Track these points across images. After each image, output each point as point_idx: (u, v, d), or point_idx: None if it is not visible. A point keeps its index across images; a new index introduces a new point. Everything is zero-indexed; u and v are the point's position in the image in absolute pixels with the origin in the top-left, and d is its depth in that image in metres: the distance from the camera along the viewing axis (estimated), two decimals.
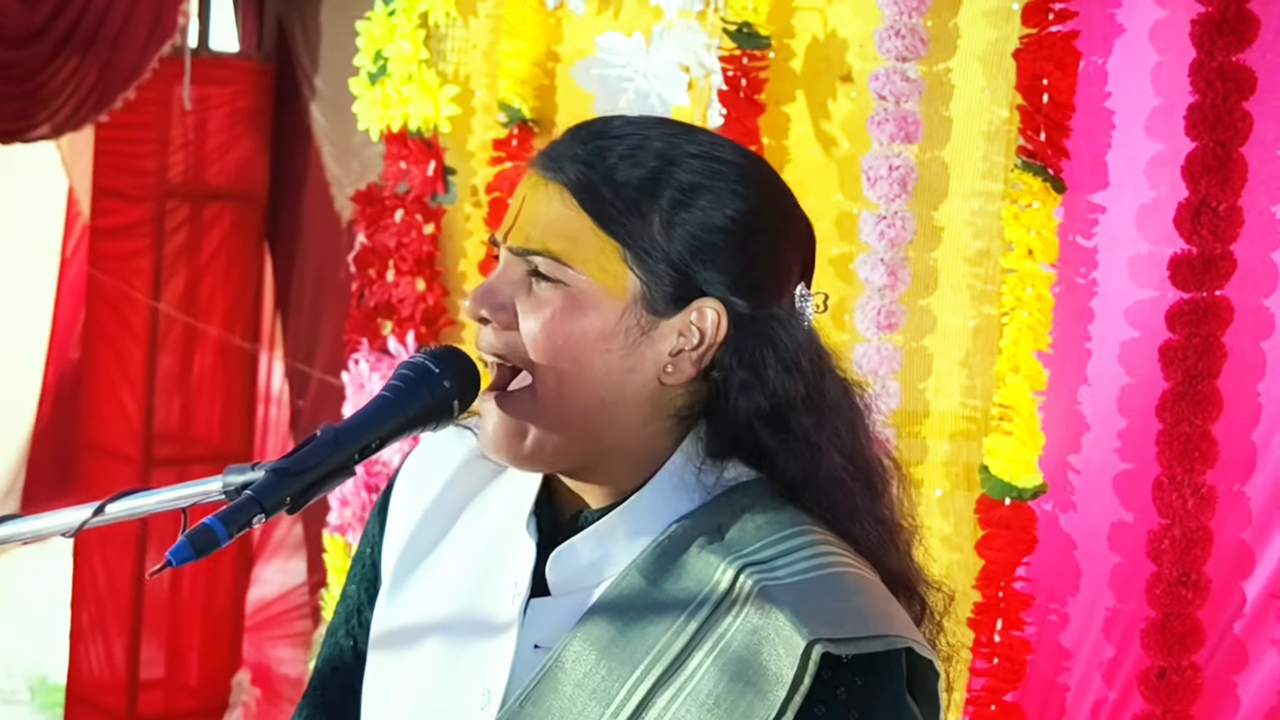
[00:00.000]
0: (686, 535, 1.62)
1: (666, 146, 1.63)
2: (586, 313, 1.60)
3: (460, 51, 3.87)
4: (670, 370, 1.62)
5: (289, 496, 1.55)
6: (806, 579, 1.57)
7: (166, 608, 6.46)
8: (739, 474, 1.66)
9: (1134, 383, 2.88)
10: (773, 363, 1.65)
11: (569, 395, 1.61)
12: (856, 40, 3.21)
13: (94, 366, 6.44)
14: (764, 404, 1.64)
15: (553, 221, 1.61)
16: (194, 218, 6.41)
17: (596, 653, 1.59)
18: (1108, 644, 2.91)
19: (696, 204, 1.61)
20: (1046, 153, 2.91)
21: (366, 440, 1.60)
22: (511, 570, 1.68)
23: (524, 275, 1.62)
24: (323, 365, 6.10)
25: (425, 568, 1.76)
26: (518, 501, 1.71)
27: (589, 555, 1.64)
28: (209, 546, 1.49)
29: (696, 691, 1.54)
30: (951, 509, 3.12)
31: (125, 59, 5.79)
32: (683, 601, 1.59)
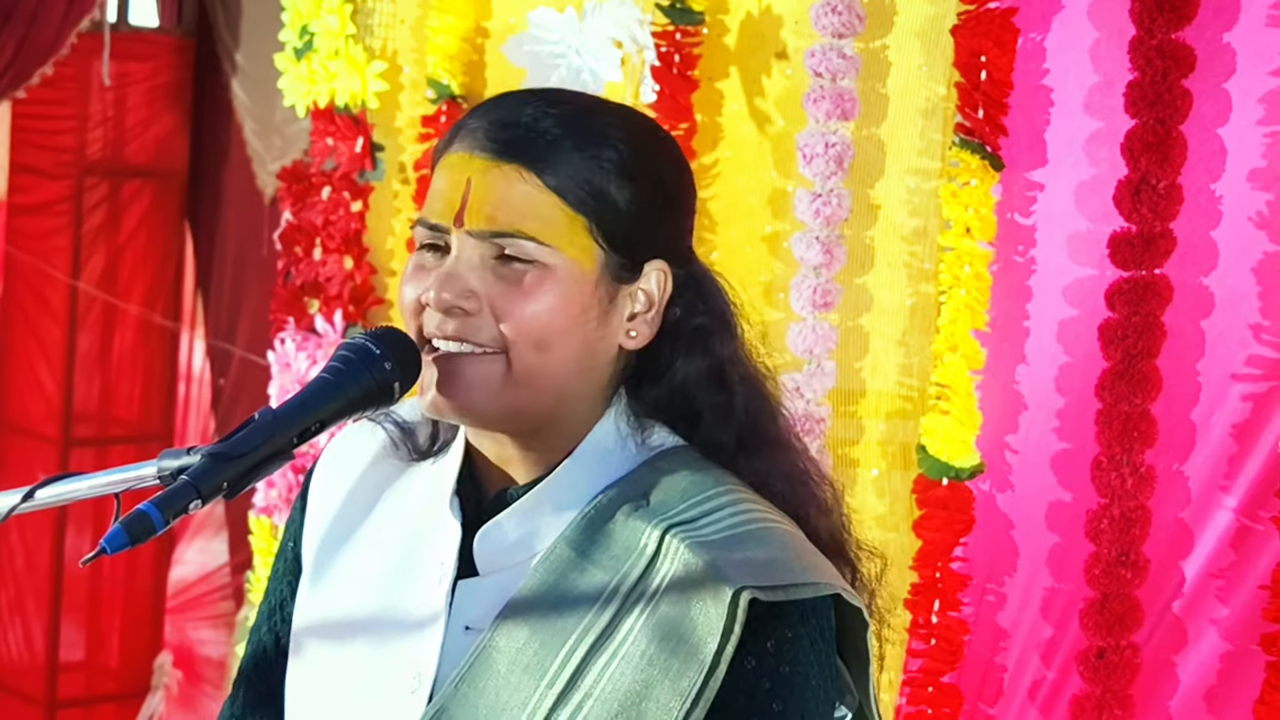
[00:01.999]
0: (612, 504, 1.62)
1: (602, 119, 1.64)
2: (567, 290, 1.60)
3: (388, 27, 3.81)
4: (633, 335, 1.64)
5: (226, 481, 1.52)
6: (732, 534, 1.58)
7: (86, 589, 6.41)
8: (663, 440, 1.67)
9: (1072, 362, 2.87)
10: (713, 320, 1.69)
11: (547, 370, 1.61)
12: (792, 16, 3.18)
13: (11, 346, 6.36)
14: (707, 362, 1.67)
15: (518, 202, 1.59)
16: (113, 195, 6.34)
17: (529, 628, 1.59)
18: (1046, 624, 2.90)
19: (641, 170, 1.64)
20: (984, 130, 2.89)
21: (306, 423, 1.57)
22: (436, 553, 1.67)
23: (487, 258, 1.59)
24: (245, 344, 6.04)
25: (345, 557, 1.74)
26: (438, 485, 1.70)
27: (516, 532, 1.64)
28: (145, 533, 1.45)
29: (630, 653, 1.54)
30: (888, 489, 3.10)
31: (43, 34, 5.71)
32: (611, 569, 1.59)
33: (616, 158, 1.61)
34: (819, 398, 3.08)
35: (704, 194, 3.28)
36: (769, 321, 3.21)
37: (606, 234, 1.61)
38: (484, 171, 1.59)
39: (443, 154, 1.64)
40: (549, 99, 1.65)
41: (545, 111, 1.61)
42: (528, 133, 1.59)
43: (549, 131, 1.60)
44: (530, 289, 1.59)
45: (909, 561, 2.98)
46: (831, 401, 3.10)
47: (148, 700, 6.43)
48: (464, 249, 1.60)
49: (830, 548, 1.67)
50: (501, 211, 1.58)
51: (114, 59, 6.11)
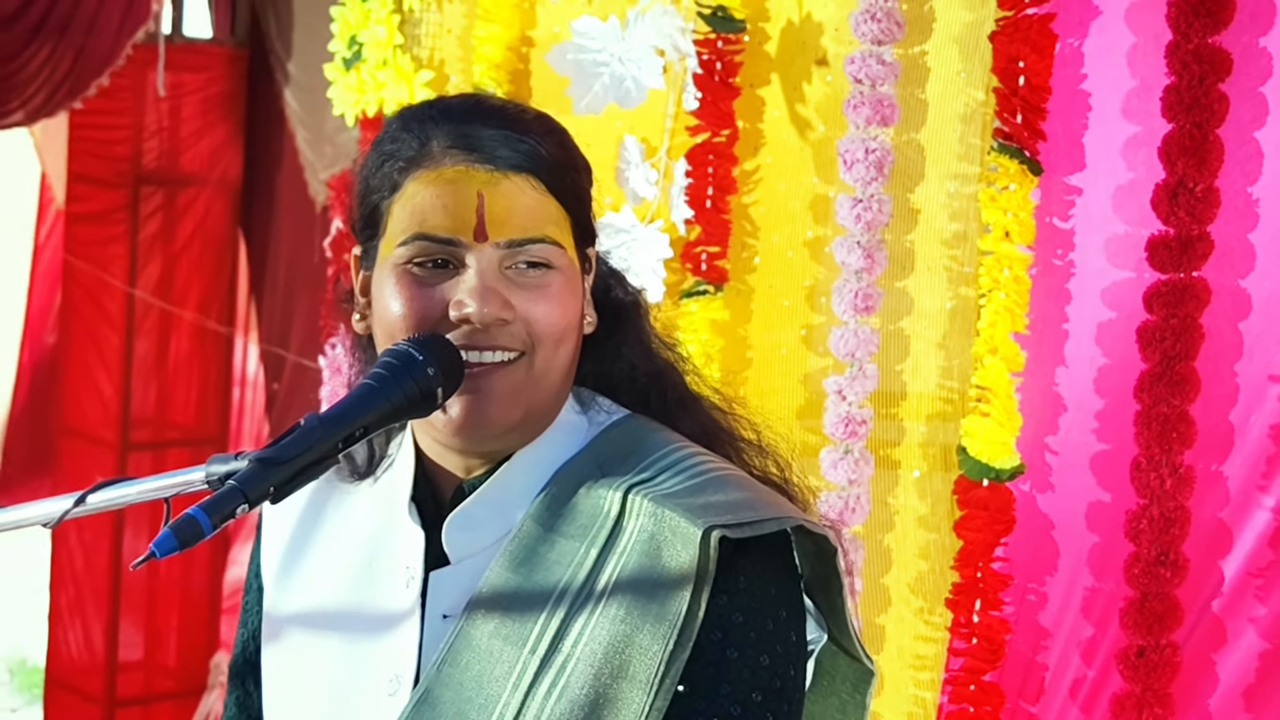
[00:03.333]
0: (572, 477, 1.68)
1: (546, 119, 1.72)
2: (573, 286, 1.68)
3: (435, 36, 3.86)
4: (589, 320, 1.73)
5: (273, 486, 1.55)
6: (691, 484, 1.64)
7: (144, 590, 6.47)
8: (610, 411, 1.74)
9: (1111, 363, 2.89)
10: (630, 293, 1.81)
11: (557, 365, 1.67)
12: (831, 23, 3.21)
13: (70, 352, 6.43)
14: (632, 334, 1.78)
15: (534, 209, 1.64)
16: (168, 204, 6.40)
17: (505, 603, 1.63)
18: (1086, 623, 2.92)
19: (584, 164, 1.73)
20: (1023, 135, 2.92)
21: (350, 429, 1.59)
22: (400, 557, 1.71)
23: (504, 267, 1.64)
24: (297, 348, 6.09)
25: (303, 575, 1.80)
26: (389, 494, 1.75)
27: (483, 516, 1.69)
28: (193, 537, 1.48)
29: (608, 609, 1.59)
30: (929, 490, 3.12)
31: (99, 45, 5.77)
32: (579, 536, 1.64)
33: (575, 153, 1.71)
34: (861, 400, 3.11)
35: (746, 199, 3.32)
36: (812, 325, 3.24)
37: (579, 229, 1.70)
38: (493, 184, 1.63)
39: (411, 172, 1.65)
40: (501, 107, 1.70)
41: (514, 120, 1.67)
42: (519, 143, 1.64)
43: (535, 139, 1.66)
44: (554, 291, 1.65)
45: (950, 561, 3.01)
46: (873, 404, 3.13)
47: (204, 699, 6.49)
48: (484, 261, 1.63)
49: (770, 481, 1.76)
50: (524, 220, 1.63)
51: (169, 70, 6.17)
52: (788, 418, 3.25)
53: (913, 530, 3.14)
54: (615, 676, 1.56)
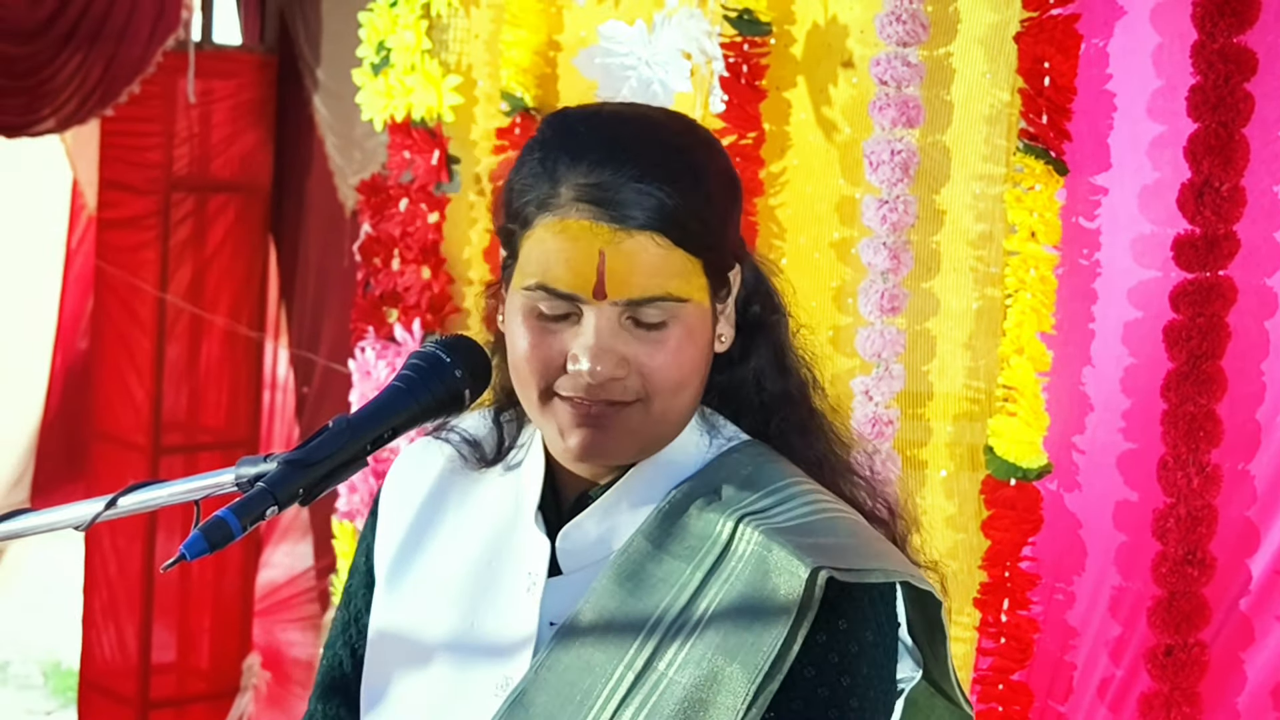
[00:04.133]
0: (686, 498, 1.69)
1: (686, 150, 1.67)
2: (698, 335, 1.67)
3: (462, 41, 3.88)
4: (723, 339, 1.71)
5: (302, 488, 1.57)
6: (803, 522, 1.65)
7: (177, 592, 6.51)
8: (732, 435, 1.74)
9: (1138, 363, 2.89)
10: (773, 312, 1.78)
11: (679, 407, 1.68)
12: (857, 26, 3.22)
13: (102, 356, 6.48)
14: (769, 351, 1.76)
15: (657, 266, 1.62)
16: (199, 209, 6.45)
17: (608, 615, 1.64)
18: (1114, 622, 2.93)
19: (720, 187, 1.68)
20: (1048, 135, 2.92)
21: (379, 430, 1.62)
22: (523, 563, 1.72)
23: (623, 320, 1.63)
24: (327, 353, 6.13)
25: (421, 568, 1.79)
26: (516, 496, 1.75)
27: (596, 530, 1.70)
28: (223, 540, 1.50)
29: (705, 634, 1.60)
30: (956, 490, 3.13)
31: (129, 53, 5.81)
32: (687, 557, 1.65)
33: (709, 186, 1.66)
34: (887, 400, 3.12)
35: (773, 201, 3.33)
36: (839, 326, 3.25)
37: (713, 266, 1.67)
38: (616, 242, 1.61)
39: (539, 216, 1.64)
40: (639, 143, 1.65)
41: (648, 164, 1.63)
42: (646, 196, 1.61)
43: (663, 186, 1.62)
44: (671, 345, 1.64)
45: (978, 561, 3.02)
46: (900, 404, 3.14)
47: (237, 700, 6.53)
48: (602, 318, 1.62)
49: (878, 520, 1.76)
50: (645, 278, 1.62)
51: (199, 77, 6.21)
52: None
53: (940, 530, 3.15)
54: (705, 704, 1.57)
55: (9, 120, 5.78)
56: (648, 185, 1.61)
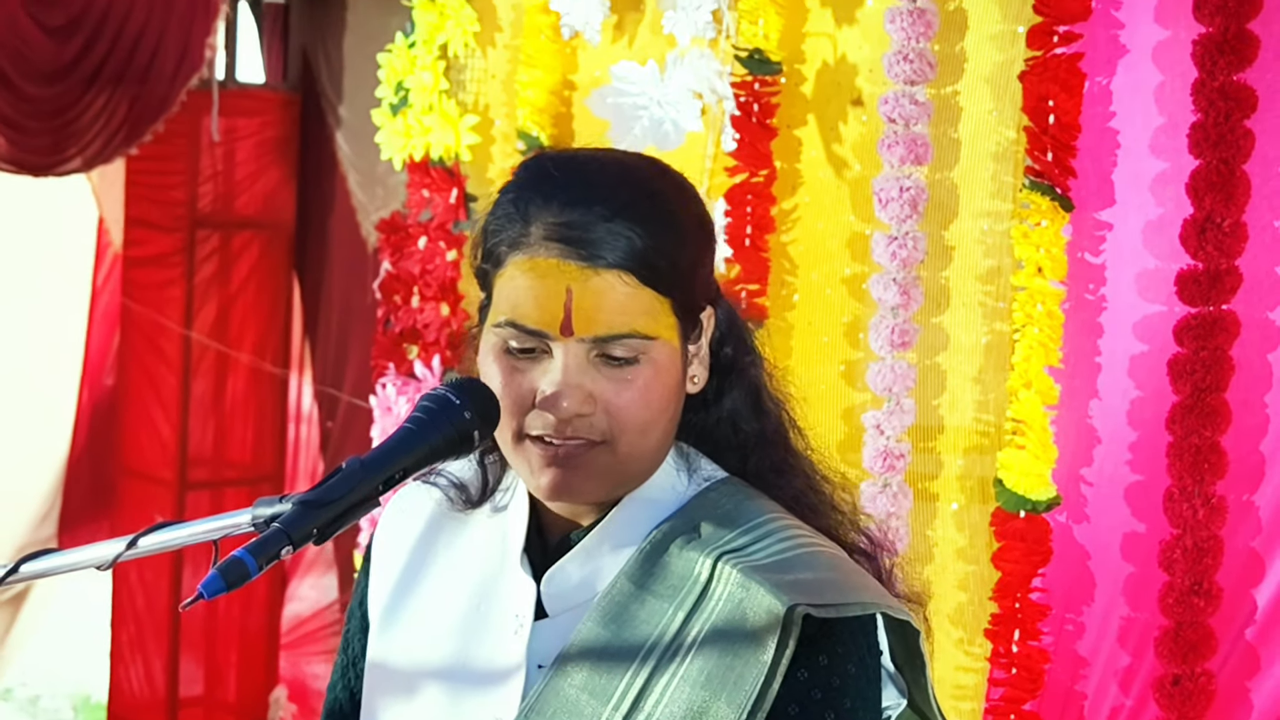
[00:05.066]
0: (667, 538, 1.71)
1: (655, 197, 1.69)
2: (666, 374, 1.68)
3: (479, 81, 3.94)
4: (695, 380, 1.74)
5: (316, 528, 1.58)
6: (781, 559, 1.66)
7: (204, 626, 6.55)
8: (711, 473, 1.76)
9: (1144, 396, 2.93)
10: (747, 353, 1.79)
11: (648, 447, 1.70)
12: (866, 65, 3.27)
13: (128, 393, 6.53)
14: (745, 393, 1.77)
15: (623, 304, 1.64)
16: (224, 247, 6.51)
17: (593, 657, 1.66)
18: (1123, 652, 2.97)
19: (692, 227, 1.71)
20: (1054, 172, 2.97)
21: (391, 471, 1.63)
22: (510, 605, 1.74)
23: (592, 358, 1.66)
24: (350, 388, 6.17)
25: (412, 611, 1.82)
26: (502, 541, 1.78)
27: (579, 573, 1.72)
28: (240, 579, 1.52)
29: (689, 672, 1.62)
30: (967, 522, 3.17)
31: (154, 92, 5.87)
32: (669, 597, 1.67)
33: (679, 227, 1.68)
34: (899, 434, 3.16)
35: (785, 238, 3.38)
36: (851, 361, 3.30)
37: (683, 306, 1.69)
38: (583, 280, 1.63)
39: (511, 254, 1.67)
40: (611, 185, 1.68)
41: (616, 202, 1.66)
42: (613, 234, 1.64)
43: (631, 227, 1.64)
44: (639, 384, 1.66)
45: (989, 592, 3.05)
46: (911, 438, 3.18)
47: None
48: (570, 355, 1.65)
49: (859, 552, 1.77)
50: (612, 316, 1.64)
51: (223, 115, 6.28)
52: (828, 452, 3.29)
53: (952, 562, 3.19)
54: None
55: (36, 160, 5.84)
56: (617, 225, 1.65)
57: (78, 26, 5.78)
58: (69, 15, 5.75)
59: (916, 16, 3.11)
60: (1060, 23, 2.96)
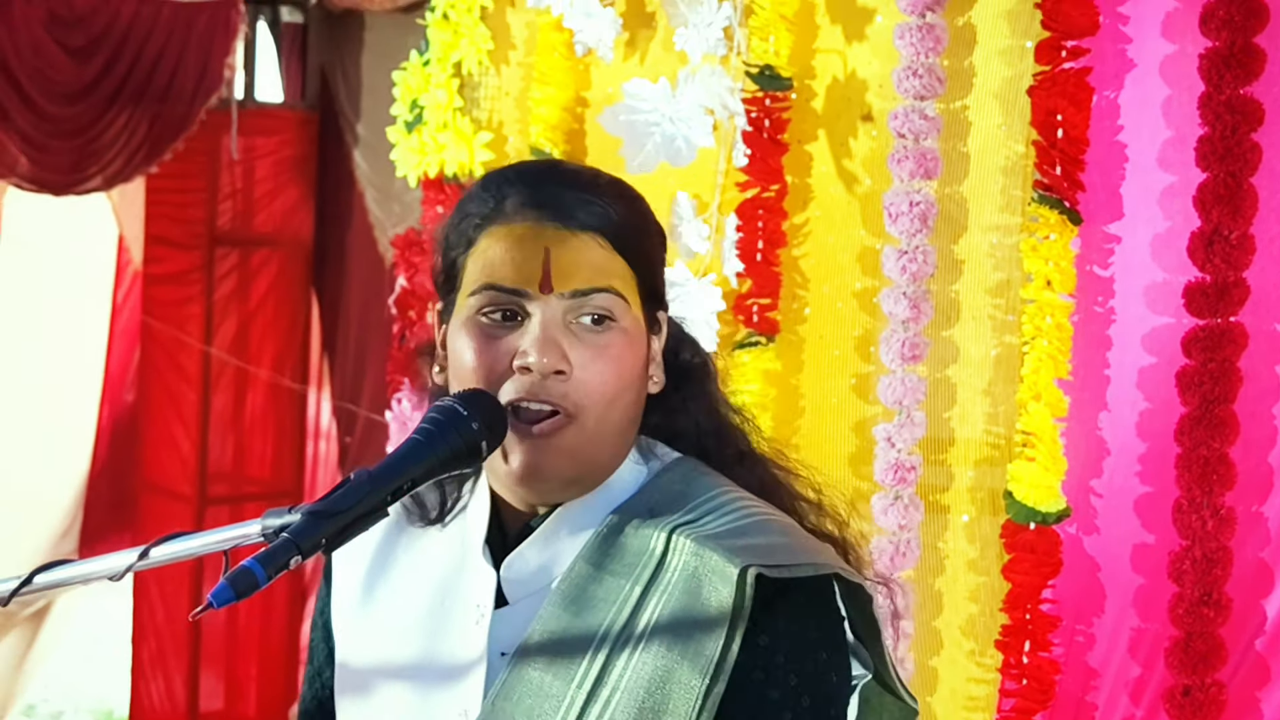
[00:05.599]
0: (623, 519, 1.74)
1: (617, 184, 1.78)
2: (636, 346, 1.74)
3: (493, 99, 3.96)
4: (655, 381, 1.79)
5: (325, 538, 1.60)
6: (734, 526, 1.70)
7: (224, 641, 6.59)
8: (664, 455, 1.81)
9: (1152, 408, 2.94)
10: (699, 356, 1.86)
11: (610, 424, 1.73)
12: (875, 80, 3.29)
13: (149, 409, 6.58)
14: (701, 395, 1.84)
15: (601, 263, 1.71)
16: (243, 264, 6.56)
17: (556, 639, 1.70)
18: (1133, 663, 2.97)
19: (652, 227, 1.79)
20: (1062, 186, 2.98)
21: (399, 482, 1.66)
22: (472, 595, 1.77)
23: (569, 320, 1.70)
24: (368, 404, 6.20)
25: (375, 616, 1.85)
26: (461, 536, 1.81)
27: (537, 558, 1.75)
28: (249, 588, 1.54)
29: (649, 646, 1.65)
30: (978, 534, 3.18)
31: (174, 112, 5.93)
32: (625, 574, 1.71)
33: (645, 217, 1.77)
34: (910, 447, 3.18)
35: (796, 252, 3.40)
36: (862, 374, 3.32)
37: (646, 289, 1.76)
38: (561, 240, 1.70)
39: (485, 228, 1.73)
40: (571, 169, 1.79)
41: (584, 181, 1.75)
42: (587, 202, 1.72)
43: (603, 199, 1.73)
44: (612, 351, 1.71)
45: (1000, 604, 3.07)
46: (922, 450, 3.20)
47: None
48: (548, 313, 1.70)
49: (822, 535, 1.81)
50: (590, 271, 1.70)
51: (242, 134, 6.33)
52: (840, 465, 3.32)
53: (963, 574, 3.20)
54: (656, 711, 1.63)
55: (57, 179, 5.90)
56: (589, 196, 1.73)
57: (98, 47, 5.84)
58: (90, 36, 5.80)
59: (925, 32, 3.13)
60: (1068, 37, 2.98)
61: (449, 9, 3.95)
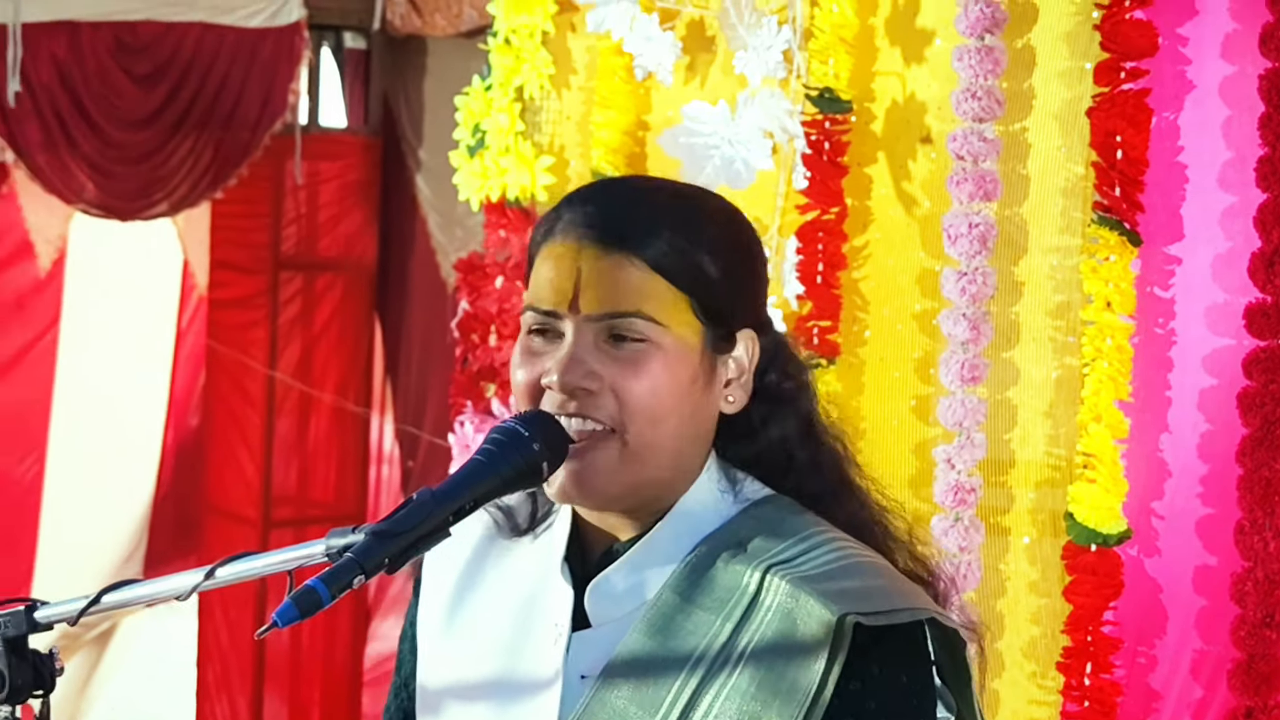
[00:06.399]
0: (712, 552, 1.73)
1: (689, 201, 1.77)
2: (678, 366, 1.71)
3: (554, 123, 3.99)
4: (730, 400, 1.76)
5: (388, 557, 1.62)
6: (829, 568, 1.69)
7: (288, 664, 6.62)
8: (756, 490, 1.78)
9: (1214, 429, 2.94)
10: (793, 382, 1.81)
11: (659, 442, 1.72)
12: (934, 103, 3.30)
13: (213, 433, 6.63)
14: (796, 421, 1.80)
15: (634, 286, 1.70)
16: (307, 288, 6.61)
17: (640, 669, 1.69)
18: (1195, 685, 2.97)
19: (729, 245, 1.75)
20: (1122, 207, 2.98)
21: (461, 502, 1.67)
22: (550, 614, 1.77)
23: (600, 340, 1.70)
24: (431, 427, 6.24)
25: (461, 631, 1.86)
26: (546, 553, 1.81)
27: (624, 583, 1.75)
28: (313, 607, 1.56)
29: (739, 682, 1.64)
30: (1039, 556, 3.18)
31: (238, 138, 5.99)
32: (716, 609, 1.69)
33: (709, 236, 1.73)
34: (970, 468, 3.18)
35: (856, 274, 3.41)
36: (922, 396, 3.32)
37: (706, 309, 1.73)
38: (594, 259, 1.70)
39: (541, 245, 1.75)
40: (639, 186, 1.80)
41: (641, 199, 1.75)
42: (630, 221, 1.71)
43: (649, 218, 1.72)
44: (645, 367, 1.70)
45: (1061, 626, 3.06)
46: (982, 472, 3.19)
47: None
48: (579, 333, 1.70)
49: (914, 575, 1.79)
50: (616, 294, 1.69)
51: (305, 159, 6.39)
52: (900, 487, 3.32)
53: (1024, 596, 3.20)
54: None
55: (123, 204, 5.97)
56: (638, 213, 1.72)
57: (164, 74, 5.91)
58: (156, 63, 5.88)
59: (984, 54, 3.13)
60: (1127, 59, 2.98)
61: (511, 34, 3.98)
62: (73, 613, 1.72)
